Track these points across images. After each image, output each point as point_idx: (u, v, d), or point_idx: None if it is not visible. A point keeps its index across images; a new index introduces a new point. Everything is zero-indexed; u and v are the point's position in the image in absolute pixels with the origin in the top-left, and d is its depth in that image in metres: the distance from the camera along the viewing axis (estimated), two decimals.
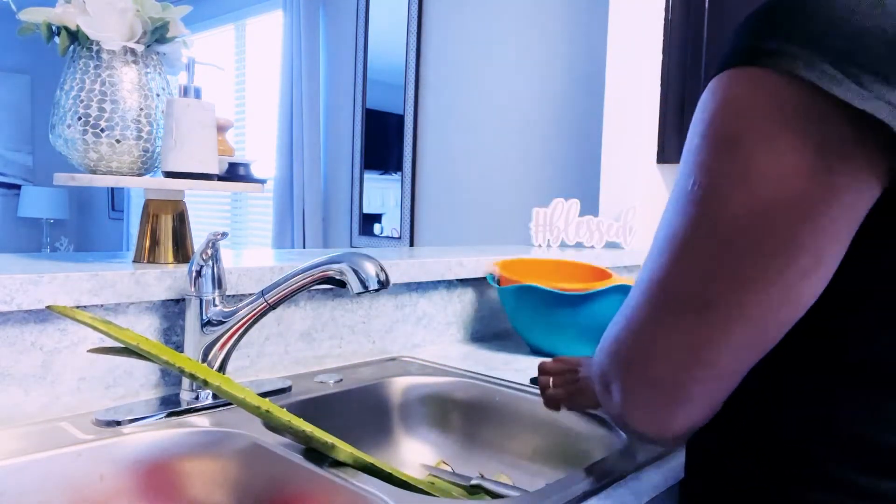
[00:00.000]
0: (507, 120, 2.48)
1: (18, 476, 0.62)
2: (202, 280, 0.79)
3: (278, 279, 0.80)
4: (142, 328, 0.83)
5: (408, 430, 0.96)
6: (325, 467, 0.64)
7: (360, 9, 2.99)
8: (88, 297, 0.76)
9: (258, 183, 1.07)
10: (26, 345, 0.74)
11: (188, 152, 0.86)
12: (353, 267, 0.75)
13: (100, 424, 0.72)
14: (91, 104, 0.86)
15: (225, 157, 1.15)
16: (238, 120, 3.74)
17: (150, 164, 0.92)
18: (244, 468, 0.71)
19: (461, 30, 2.62)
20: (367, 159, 3.03)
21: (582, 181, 2.23)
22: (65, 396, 0.77)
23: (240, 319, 0.80)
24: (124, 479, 0.68)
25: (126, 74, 0.87)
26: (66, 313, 0.68)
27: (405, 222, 2.85)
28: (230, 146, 1.18)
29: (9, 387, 0.73)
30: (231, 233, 3.78)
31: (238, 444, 0.71)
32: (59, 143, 0.88)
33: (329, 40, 3.18)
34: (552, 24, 2.33)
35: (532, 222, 1.67)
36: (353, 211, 3.09)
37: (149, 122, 0.89)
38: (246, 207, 3.75)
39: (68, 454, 0.65)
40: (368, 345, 1.10)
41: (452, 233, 2.69)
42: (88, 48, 0.86)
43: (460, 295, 1.25)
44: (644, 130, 1.87)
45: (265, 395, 0.86)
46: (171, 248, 0.90)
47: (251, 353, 0.95)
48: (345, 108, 3.11)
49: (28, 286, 0.71)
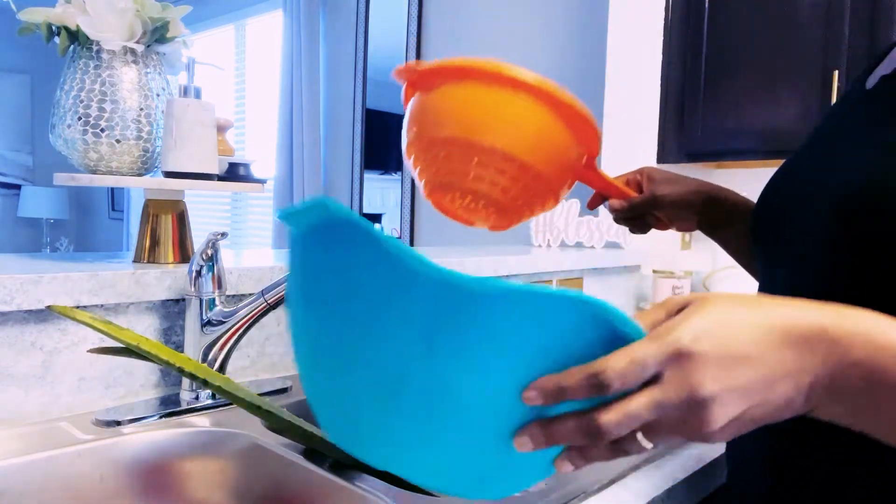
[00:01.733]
0: None
1: (18, 476, 0.62)
2: (202, 280, 0.79)
3: (278, 279, 0.80)
4: (142, 328, 0.83)
5: None
6: (325, 467, 0.64)
7: (360, 9, 2.99)
8: (88, 297, 0.76)
9: (258, 183, 1.07)
10: (26, 345, 0.74)
11: (188, 152, 0.86)
12: None
13: (100, 424, 0.72)
14: (91, 104, 0.86)
15: (225, 157, 1.15)
16: (238, 120, 3.74)
17: (150, 164, 0.92)
18: (244, 468, 0.71)
19: (461, 30, 2.62)
20: (367, 159, 3.03)
21: None
22: (65, 396, 0.77)
23: (240, 319, 0.80)
24: (124, 479, 0.68)
25: (126, 74, 0.87)
26: (66, 313, 0.68)
27: (405, 222, 2.85)
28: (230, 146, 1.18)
29: (9, 387, 0.73)
30: (231, 233, 3.78)
31: (238, 444, 0.71)
32: (59, 143, 0.88)
33: (329, 40, 3.18)
34: (552, 25, 2.33)
35: (532, 222, 1.67)
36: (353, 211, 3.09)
37: (149, 122, 0.89)
38: (246, 207, 3.75)
39: (68, 454, 0.65)
40: None
41: (452, 233, 2.69)
42: (88, 48, 0.86)
43: None
44: (644, 130, 1.87)
45: (265, 395, 0.86)
46: (171, 248, 0.90)
47: (251, 353, 0.95)
48: (345, 108, 3.11)
49: (28, 286, 0.71)
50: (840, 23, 1.58)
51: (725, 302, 0.37)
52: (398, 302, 0.36)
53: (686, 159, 1.86)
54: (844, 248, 0.50)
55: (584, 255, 1.56)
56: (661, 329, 0.36)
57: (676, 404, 0.35)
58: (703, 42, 1.80)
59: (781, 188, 0.64)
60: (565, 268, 1.50)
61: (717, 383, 0.35)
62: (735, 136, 1.75)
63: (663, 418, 0.36)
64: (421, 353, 0.36)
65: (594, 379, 0.35)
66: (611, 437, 0.36)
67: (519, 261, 1.34)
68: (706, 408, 0.35)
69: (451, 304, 0.34)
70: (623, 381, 0.35)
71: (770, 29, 1.68)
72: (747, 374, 0.35)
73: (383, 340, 0.37)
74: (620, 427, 0.36)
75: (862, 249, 0.49)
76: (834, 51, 1.59)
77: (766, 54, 1.69)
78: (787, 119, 1.66)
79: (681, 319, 0.36)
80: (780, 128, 1.67)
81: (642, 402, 0.35)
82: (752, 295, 0.39)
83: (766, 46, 1.69)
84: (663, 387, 0.35)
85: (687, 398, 0.35)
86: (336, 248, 0.37)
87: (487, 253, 1.35)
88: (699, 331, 0.36)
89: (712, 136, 1.79)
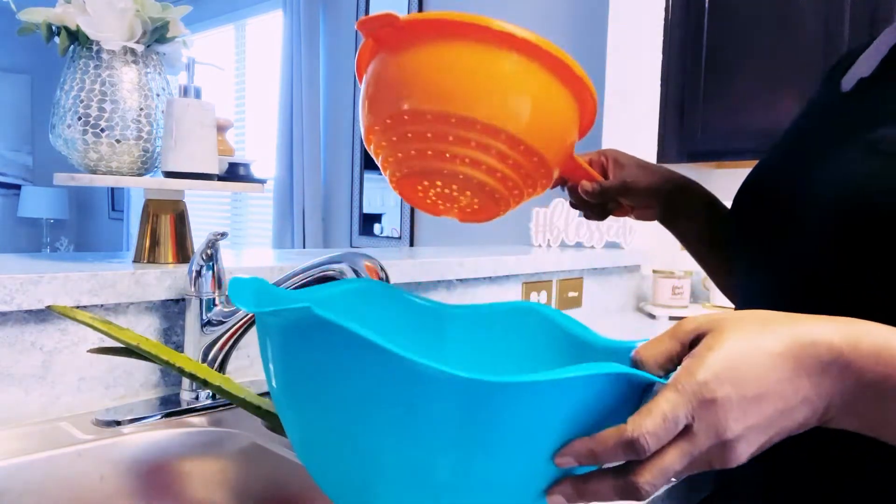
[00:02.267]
0: None
1: (18, 476, 0.62)
2: (202, 280, 0.79)
3: (278, 279, 0.80)
4: (142, 328, 0.83)
5: None
6: None
7: (360, 9, 2.99)
8: (88, 297, 0.76)
9: (258, 183, 1.07)
10: (26, 345, 0.74)
11: (188, 152, 0.86)
12: (354, 267, 0.75)
13: (100, 424, 0.72)
14: (91, 104, 0.86)
15: (225, 157, 1.15)
16: (238, 120, 3.74)
17: (149, 164, 0.92)
18: (244, 468, 0.71)
19: None
20: (367, 159, 3.03)
21: None
22: (65, 396, 0.77)
23: (240, 319, 0.80)
24: (124, 479, 0.68)
25: (126, 74, 0.87)
26: (66, 313, 0.68)
27: (405, 222, 2.85)
28: (230, 146, 1.18)
29: (9, 387, 0.73)
30: (231, 233, 3.78)
31: (238, 444, 0.71)
32: (59, 143, 0.88)
33: (329, 40, 3.18)
34: (552, 25, 2.33)
35: (532, 222, 1.68)
36: (353, 211, 3.09)
37: (149, 122, 0.89)
38: (246, 207, 3.75)
39: (68, 454, 0.65)
40: None
41: (452, 233, 2.69)
42: (88, 48, 0.86)
43: (460, 295, 1.25)
44: (644, 130, 1.87)
45: (265, 395, 0.86)
46: (171, 248, 0.90)
47: (251, 353, 0.95)
48: (345, 109, 3.11)
49: (28, 286, 0.71)
50: (840, 23, 1.58)
51: (739, 331, 0.37)
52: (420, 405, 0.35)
53: (686, 159, 1.86)
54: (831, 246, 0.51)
55: (584, 255, 1.56)
56: (682, 374, 0.36)
57: (706, 451, 0.36)
58: (703, 42, 1.80)
59: (763, 183, 0.64)
60: (565, 268, 1.50)
61: (740, 424, 0.36)
62: (735, 136, 1.75)
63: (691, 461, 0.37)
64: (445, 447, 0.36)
65: (630, 445, 0.35)
66: (652, 491, 0.36)
67: (519, 261, 1.34)
68: (732, 448, 0.36)
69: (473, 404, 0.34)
70: (658, 442, 0.35)
71: (770, 29, 1.68)
72: (767, 411, 0.36)
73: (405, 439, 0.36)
74: (657, 484, 0.36)
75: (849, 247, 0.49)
76: (834, 51, 1.59)
77: (766, 54, 1.69)
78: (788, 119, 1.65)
79: (699, 361, 0.36)
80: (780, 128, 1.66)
81: (676, 457, 0.36)
82: (763, 314, 0.39)
83: (766, 46, 1.69)
84: (694, 438, 0.36)
85: (715, 443, 0.36)
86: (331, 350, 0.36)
87: (487, 253, 1.35)
88: (720, 371, 0.36)
89: (712, 136, 1.79)
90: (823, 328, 0.37)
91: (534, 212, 1.68)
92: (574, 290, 1.55)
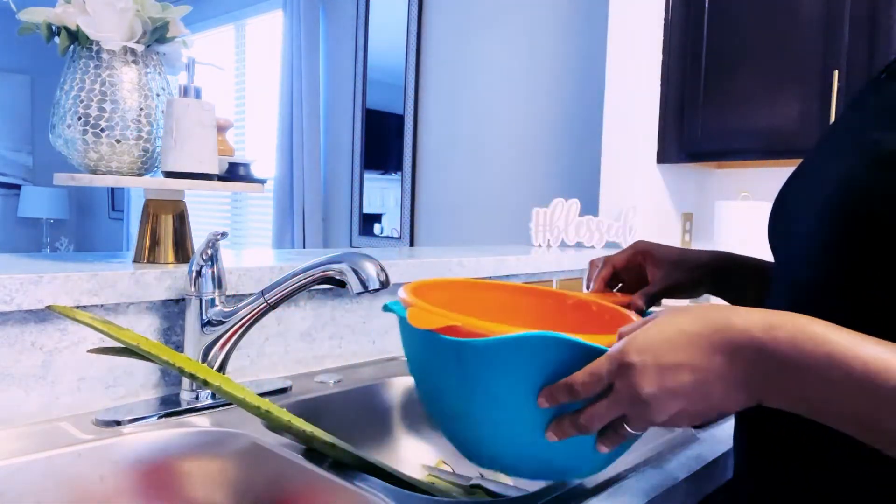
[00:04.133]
0: (507, 120, 2.48)
1: (18, 476, 0.62)
2: (202, 280, 0.79)
3: (278, 279, 0.80)
4: (142, 328, 0.83)
5: (408, 429, 0.96)
6: (324, 467, 0.64)
7: (360, 9, 2.99)
8: (88, 297, 0.76)
9: (258, 183, 1.07)
10: (26, 345, 0.74)
11: (188, 152, 0.86)
12: (354, 267, 0.75)
13: (100, 424, 0.72)
14: (91, 104, 0.86)
15: (225, 157, 1.15)
16: (238, 120, 3.74)
17: (150, 164, 0.92)
18: (244, 468, 0.71)
19: (461, 30, 2.62)
20: (367, 159, 3.03)
21: (582, 181, 2.23)
22: (65, 396, 0.77)
23: (240, 319, 0.80)
24: (124, 479, 0.68)
25: (126, 74, 0.87)
26: (66, 313, 0.68)
27: (405, 222, 2.85)
28: (230, 146, 1.18)
29: (9, 387, 0.73)
30: (231, 233, 3.78)
31: (238, 444, 0.71)
32: (59, 143, 0.88)
33: (329, 40, 3.18)
34: (552, 25, 2.33)
35: (532, 222, 1.67)
36: (353, 211, 3.09)
37: (149, 122, 0.89)
38: (246, 207, 3.76)
39: (68, 454, 0.65)
40: (368, 345, 1.10)
41: (452, 233, 2.69)
42: (88, 48, 0.86)
43: None
44: (644, 130, 1.87)
45: (265, 395, 0.86)
46: (171, 248, 0.90)
47: (251, 353, 0.95)
48: (345, 108, 3.11)
49: (28, 286, 0.71)
50: (840, 23, 1.58)
51: (669, 315, 0.46)
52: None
53: (686, 159, 1.86)
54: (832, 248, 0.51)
55: (584, 255, 1.56)
56: (615, 345, 0.47)
57: (627, 404, 0.46)
58: (703, 42, 1.80)
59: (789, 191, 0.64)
60: (565, 268, 1.50)
61: (654, 386, 0.44)
62: (735, 136, 1.75)
63: (627, 413, 0.47)
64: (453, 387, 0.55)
65: (569, 388, 0.48)
66: (591, 429, 0.48)
67: (519, 261, 1.34)
68: (648, 406, 0.45)
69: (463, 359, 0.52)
70: (586, 390, 0.47)
71: (770, 29, 1.68)
72: (681, 379, 0.44)
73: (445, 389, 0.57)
74: (593, 422, 0.48)
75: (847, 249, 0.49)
76: (834, 51, 1.59)
77: (766, 54, 1.69)
78: (788, 119, 1.66)
79: (630, 336, 0.47)
80: (780, 128, 1.67)
81: (603, 404, 0.47)
82: (703, 306, 0.47)
83: (766, 46, 1.69)
84: (616, 394, 0.46)
85: (632, 399, 0.45)
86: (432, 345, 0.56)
87: (487, 253, 1.35)
88: (640, 343, 0.45)
89: (712, 136, 1.79)
90: (746, 317, 0.43)
91: (534, 212, 1.68)
92: (574, 290, 1.55)
